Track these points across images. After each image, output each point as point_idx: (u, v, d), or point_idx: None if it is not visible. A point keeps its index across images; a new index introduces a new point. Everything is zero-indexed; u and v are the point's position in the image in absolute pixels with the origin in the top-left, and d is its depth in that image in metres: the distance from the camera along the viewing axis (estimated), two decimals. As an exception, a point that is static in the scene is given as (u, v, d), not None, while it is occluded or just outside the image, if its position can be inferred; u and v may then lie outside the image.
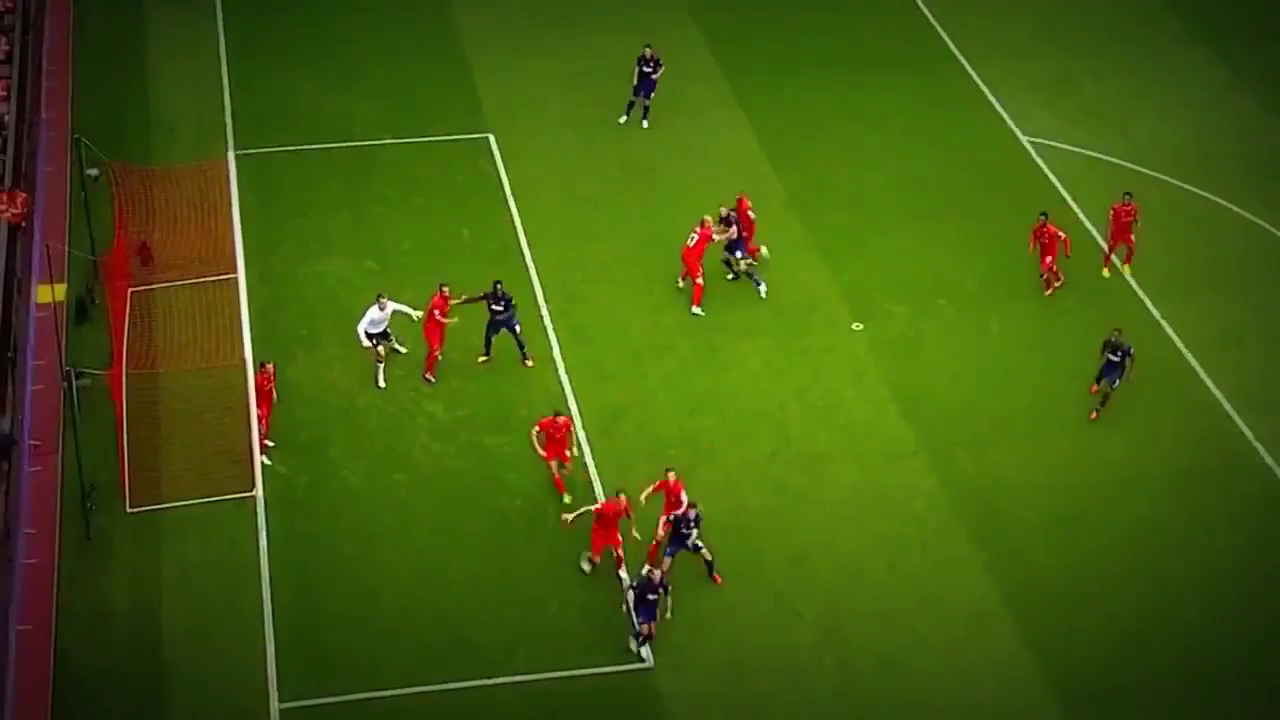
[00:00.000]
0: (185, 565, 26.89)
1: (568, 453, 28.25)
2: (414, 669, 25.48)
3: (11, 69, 35.48)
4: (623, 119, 37.23)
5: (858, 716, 25.16)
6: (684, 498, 26.59)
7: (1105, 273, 33.64)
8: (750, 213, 32.51)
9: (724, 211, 32.36)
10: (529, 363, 30.87)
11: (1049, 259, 32.43)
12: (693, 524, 26.36)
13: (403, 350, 30.65)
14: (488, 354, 30.76)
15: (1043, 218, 32.37)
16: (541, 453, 27.97)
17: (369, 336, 30.02)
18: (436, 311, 29.97)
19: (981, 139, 37.88)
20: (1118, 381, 29.60)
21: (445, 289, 30.09)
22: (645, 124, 37.19)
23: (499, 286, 30.31)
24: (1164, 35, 41.74)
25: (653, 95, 36.86)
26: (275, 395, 28.84)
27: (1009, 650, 26.16)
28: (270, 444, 28.74)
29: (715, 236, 31.95)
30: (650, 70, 36.47)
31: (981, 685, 25.68)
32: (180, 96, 38.05)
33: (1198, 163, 36.98)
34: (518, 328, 30.53)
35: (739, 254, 32.47)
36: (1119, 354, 29.55)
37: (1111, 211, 33.23)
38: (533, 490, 28.49)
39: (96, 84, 38.16)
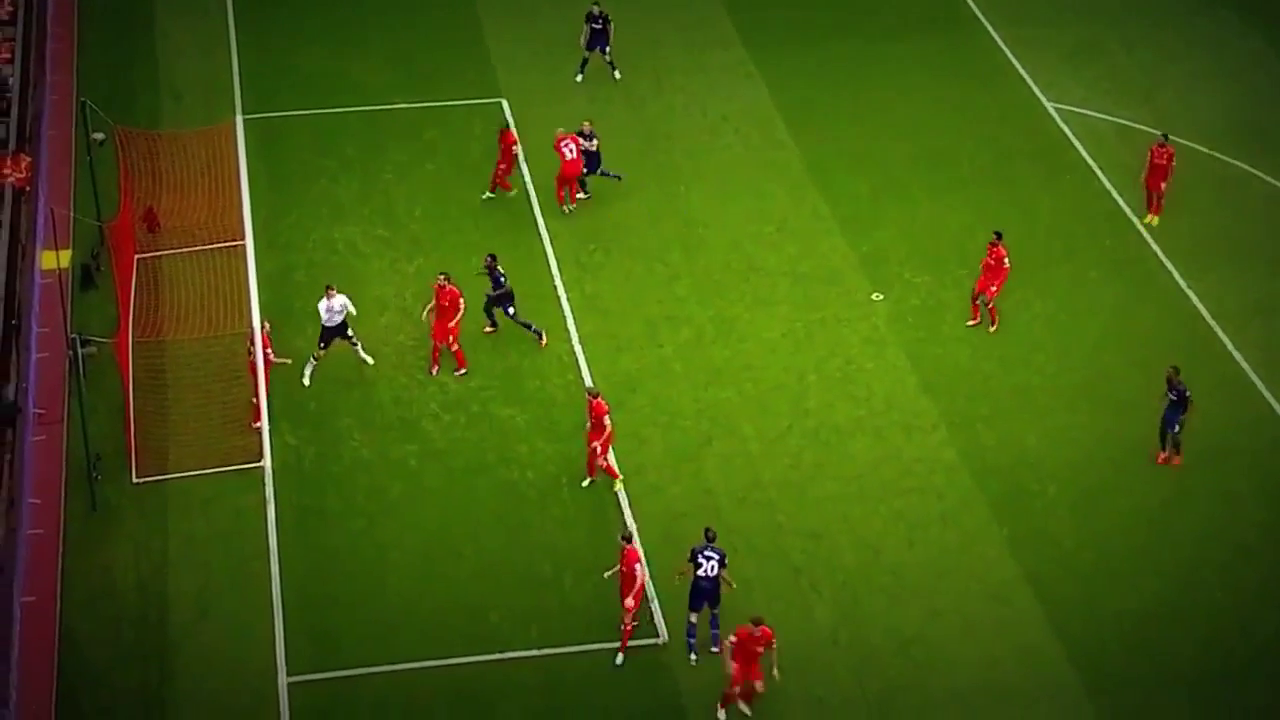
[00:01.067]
0: (192, 537, 26.61)
1: (599, 446, 27.18)
2: (424, 643, 25.15)
3: (16, 30, 35.02)
4: (579, 77, 37.15)
5: (875, 694, 24.77)
6: (637, 570, 24.63)
7: (1148, 219, 33.29)
8: (515, 146, 33.23)
9: (586, 128, 33.10)
10: (543, 342, 30.30)
11: (994, 287, 30.50)
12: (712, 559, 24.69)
13: (369, 361, 29.46)
14: (493, 324, 30.14)
15: (996, 237, 30.67)
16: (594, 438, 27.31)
17: (321, 333, 28.87)
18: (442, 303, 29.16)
19: (1006, 106, 37.26)
20: (1178, 426, 27.97)
21: (442, 277, 29.33)
22: (617, 75, 37.15)
23: (491, 261, 29.60)
24: (1192, 0, 40.95)
25: (609, 49, 36.77)
26: (273, 357, 28.30)
27: (1030, 628, 25.73)
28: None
29: (585, 144, 32.96)
30: (600, 27, 36.52)
31: (1002, 663, 25.27)
32: (187, 59, 37.66)
33: (1226, 130, 36.40)
34: (514, 313, 29.82)
35: (601, 171, 33.39)
36: (1176, 394, 27.84)
37: (1149, 152, 32.92)
38: (545, 462, 28.08)
39: (102, 46, 37.79)
